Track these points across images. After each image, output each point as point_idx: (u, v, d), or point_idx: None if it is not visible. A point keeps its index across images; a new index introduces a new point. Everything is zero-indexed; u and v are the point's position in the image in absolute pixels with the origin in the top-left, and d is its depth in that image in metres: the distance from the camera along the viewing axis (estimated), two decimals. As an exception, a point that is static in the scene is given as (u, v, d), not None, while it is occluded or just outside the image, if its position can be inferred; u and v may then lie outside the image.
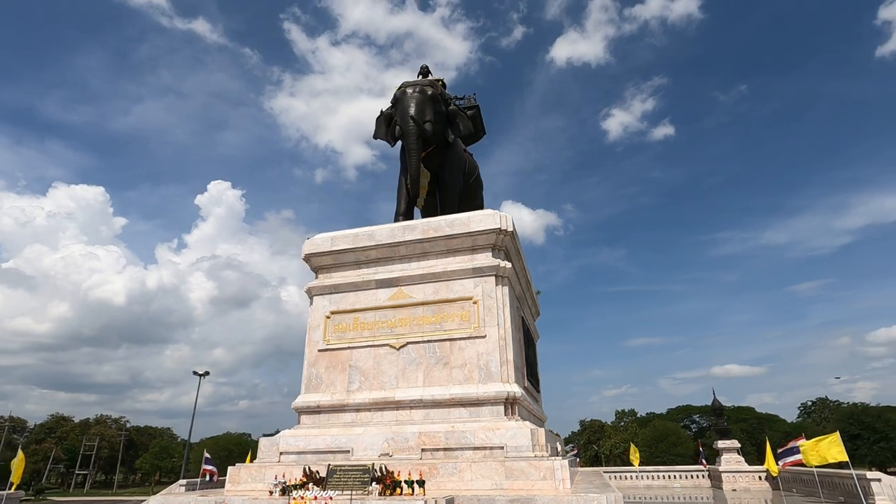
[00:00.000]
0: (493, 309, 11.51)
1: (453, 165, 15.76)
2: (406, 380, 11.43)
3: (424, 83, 15.20)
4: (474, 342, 11.33)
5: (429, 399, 11.02)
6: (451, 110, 15.61)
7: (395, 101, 15.01)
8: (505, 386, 10.80)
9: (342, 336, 12.30)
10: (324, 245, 13.13)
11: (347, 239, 13.02)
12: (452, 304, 11.79)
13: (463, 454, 9.97)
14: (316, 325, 12.60)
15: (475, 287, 11.78)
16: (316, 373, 12.12)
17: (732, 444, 23.72)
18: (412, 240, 12.51)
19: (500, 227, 12.10)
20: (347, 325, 12.36)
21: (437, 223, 12.58)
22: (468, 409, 10.81)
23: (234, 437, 76.67)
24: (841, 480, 16.49)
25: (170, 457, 71.74)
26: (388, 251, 12.72)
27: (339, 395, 11.64)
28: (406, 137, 13.97)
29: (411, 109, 14.07)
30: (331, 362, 12.13)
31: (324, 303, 12.76)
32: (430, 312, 11.87)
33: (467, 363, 11.20)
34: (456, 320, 11.64)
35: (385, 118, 15.94)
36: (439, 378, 11.23)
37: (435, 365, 11.38)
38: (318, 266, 13.29)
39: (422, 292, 12.11)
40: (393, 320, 12.06)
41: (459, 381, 11.07)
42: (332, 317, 12.56)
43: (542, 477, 9.05)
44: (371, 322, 12.20)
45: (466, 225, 12.26)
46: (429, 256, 12.53)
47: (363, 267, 12.94)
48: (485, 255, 12.17)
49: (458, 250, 12.37)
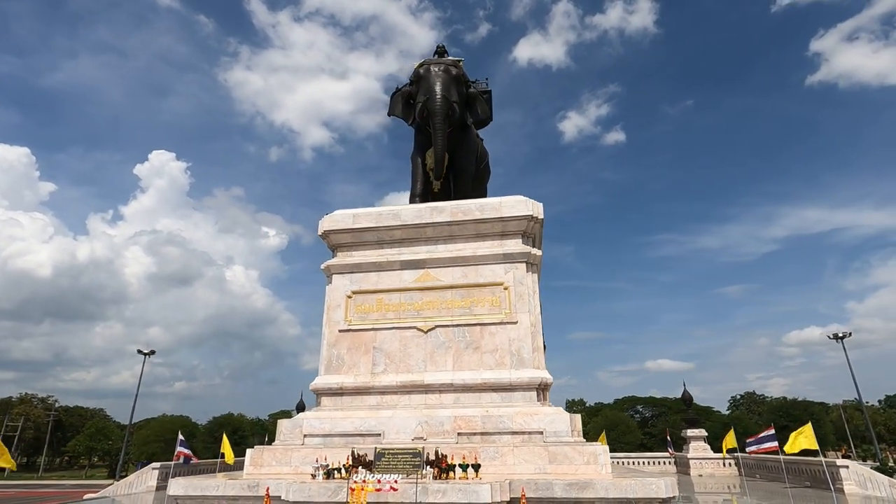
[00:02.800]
0: (524, 296, 11.50)
1: (469, 149, 15.53)
2: (434, 363, 11.24)
3: (448, 62, 14.84)
4: (505, 328, 11.29)
5: (459, 383, 10.90)
6: (472, 93, 15.35)
7: (418, 77, 14.56)
8: (538, 372, 10.85)
9: (365, 317, 11.91)
10: (345, 222, 12.62)
11: (371, 217, 12.58)
12: (482, 288, 11.68)
13: (501, 438, 9.95)
14: (336, 304, 12.13)
15: (506, 273, 11.72)
16: (337, 353, 11.69)
17: (700, 433, 25.25)
18: (440, 222, 12.25)
19: (532, 214, 12.07)
20: (370, 305, 11.99)
21: (466, 206, 12.37)
22: (500, 394, 10.79)
23: (177, 419, 73.18)
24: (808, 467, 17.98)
25: (106, 439, 67.56)
26: (413, 232, 12.40)
27: (364, 378, 11.30)
28: (433, 116, 13.61)
29: (439, 87, 13.70)
30: (353, 343, 11.74)
31: (344, 282, 12.30)
32: (459, 296, 11.71)
33: (498, 348, 11.15)
34: (486, 305, 11.54)
35: (403, 95, 15.46)
36: (469, 362, 11.13)
37: (465, 349, 11.26)
38: (337, 244, 12.77)
39: (450, 276, 11.91)
40: (420, 303, 11.81)
41: (490, 366, 11.02)
42: (354, 297, 12.13)
43: (586, 461, 9.20)
44: (396, 304, 11.89)
45: (497, 210, 12.13)
46: (456, 240, 12.33)
47: (386, 247, 12.56)
48: (514, 241, 12.11)
49: (486, 235, 12.24)
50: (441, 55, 16.47)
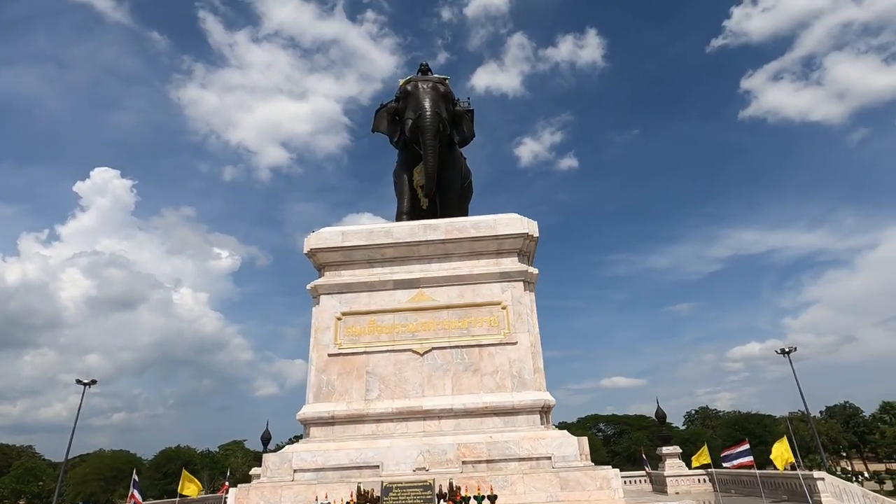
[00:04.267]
0: (522, 315, 11.24)
1: (455, 167, 15.36)
2: (433, 387, 10.73)
3: (436, 79, 14.70)
4: (505, 348, 10.95)
5: (460, 408, 10.42)
6: (458, 111, 15.26)
7: (406, 94, 14.31)
8: (540, 394, 10.54)
9: (356, 340, 11.28)
10: (333, 240, 12.03)
11: (361, 235, 12.05)
12: (480, 308, 11.34)
13: (507, 465, 9.51)
14: (325, 326, 11.44)
15: (503, 292, 11.44)
16: (327, 380, 10.96)
17: (675, 450, 25.56)
18: (434, 240, 11.88)
19: (527, 232, 11.92)
20: (362, 327, 11.38)
21: (460, 224, 12.08)
22: (502, 418, 10.38)
23: (118, 454, 67.68)
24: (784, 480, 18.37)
25: (36, 480, 61.44)
26: (406, 250, 11.96)
27: (357, 405, 10.62)
28: (424, 132, 13.34)
29: (429, 104, 13.49)
30: (344, 368, 11.06)
31: (333, 303, 11.65)
32: (457, 317, 11.31)
33: (498, 370, 10.78)
34: (484, 325, 11.19)
35: (388, 112, 15.15)
36: (469, 386, 10.68)
37: (464, 372, 10.81)
38: (325, 263, 12.13)
39: (446, 295, 11.50)
40: (415, 324, 11.31)
41: (491, 389, 10.61)
42: (344, 318, 11.49)
43: (599, 487, 8.89)
44: (390, 325, 11.34)
45: (493, 228, 11.91)
46: (451, 258, 11.97)
47: (377, 266, 12.04)
48: (511, 259, 11.89)
49: (482, 253, 11.96)
50: (425, 73, 16.34)
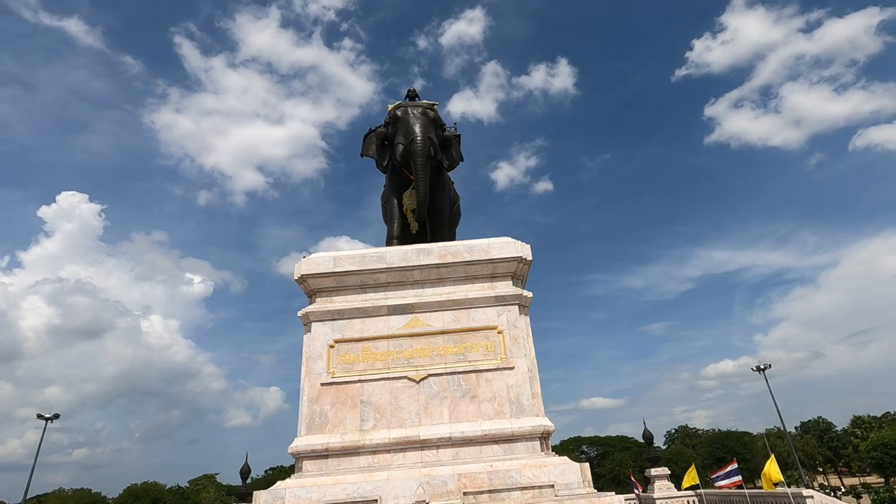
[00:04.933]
0: (519, 339, 11.16)
1: (444, 191, 15.40)
2: (430, 416, 10.48)
3: (425, 105, 14.83)
4: (502, 374, 10.82)
5: (458, 436, 10.18)
6: (446, 136, 15.37)
7: (395, 119, 14.37)
8: (540, 420, 10.40)
9: (350, 368, 10.99)
10: (325, 265, 11.81)
11: (353, 260, 11.87)
12: (476, 333, 11.22)
13: (510, 495, 9.29)
14: (317, 355, 11.13)
15: (499, 316, 11.37)
16: (320, 410, 10.60)
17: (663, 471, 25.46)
18: (428, 264, 11.78)
19: (521, 255, 11.93)
20: (356, 355, 11.11)
21: (454, 248, 12.03)
22: (502, 445, 10.18)
23: (80, 494, 63.99)
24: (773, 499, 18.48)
25: (-11, 524, 57.43)
26: (400, 275, 11.81)
27: (352, 436, 10.28)
28: (415, 157, 13.37)
29: (420, 129, 13.57)
30: (337, 398, 10.73)
31: (325, 330, 11.37)
32: (452, 342, 11.16)
33: (496, 396, 10.62)
34: (481, 350, 11.06)
35: (377, 136, 15.17)
36: (467, 413, 10.48)
37: (461, 399, 10.61)
38: (317, 289, 11.88)
39: (441, 320, 11.36)
40: (410, 350, 11.10)
41: (490, 416, 10.43)
42: (337, 346, 11.21)
43: (604, 514, 8.73)
44: (384, 352, 11.10)
45: (487, 251, 11.89)
46: (445, 282, 11.88)
47: (370, 291, 11.84)
48: (505, 283, 11.86)
49: (476, 277, 11.91)
50: (413, 98, 16.51)
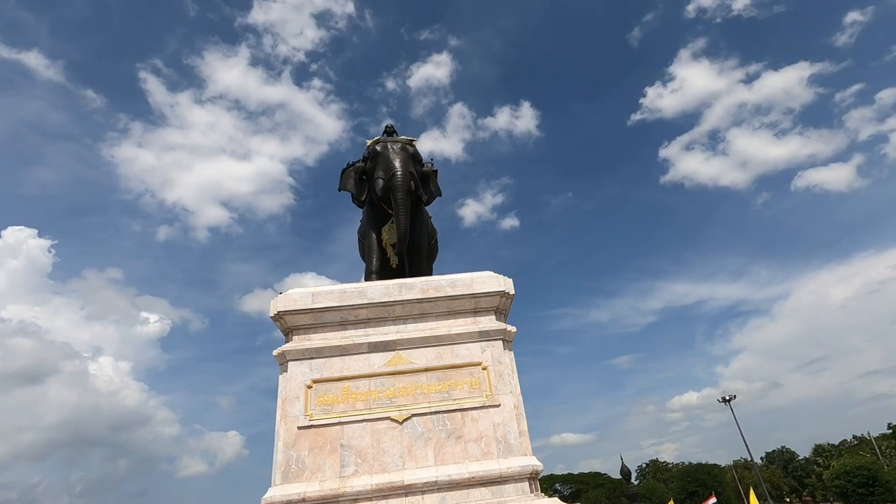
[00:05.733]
0: (504, 375, 10.95)
1: (423, 225, 15.36)
2: (414, 459, 10.01)
3: (404, 140, 14.93)
4: (488, 412, 10.52)
5: (444, 480, 9.73)
6: (424, 171, 15.45)
7: (375, 154, 14.37)
8: (528, 459, 10.09)
9: (329, 409, 10.47)
10: (303, 302, 11.39)
11: (333, 296, 11.51)
12: (460, 369, 10.94)
13: (501, 542, 8.85)
14: (294, 396, 10.56)
15: (483, 352, 11.15)
16: (297, 456, 9.98)
17: (642, 508, 25.29)
18: (410, 299, 11.54)
19: (504, 289, 11.87)
20: (335, 395, 10.61)
21: (436, 282, 11.85)
22: (490, 488, 9.78)
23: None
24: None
25: None
26: (381, 311, 11.50)
27: (331, 483, 9.67)
28: (396, 191, 13.32)
29: (400, 164, 13.59)
30: (315, 442, 10.14)
31: (302, 369, 10.85)
32: (436, 380, 10.82)
33: (483, 436, 10.28)
34: (465, 388, 10.76)
35: (356, 171, 15.09)
36: (453, 454, 10.07)
37: (447, 440, 10.21)
38: (294, 326, 11.40)
39: (423, 357, 11.05)
40: (392, 389, 10.70)
41: (477, 457, 10.05)
42: (315, 386, 10.69)
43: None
44: (365, 392, 10.65)
45: (469, 286, 11.76)
46: (427, 318, 11.63)
47: (349, 328, 11.46)
48: (488, 318, 11.71)
49: (459, 312, 11.72)
50: (391, 134, 16.62)
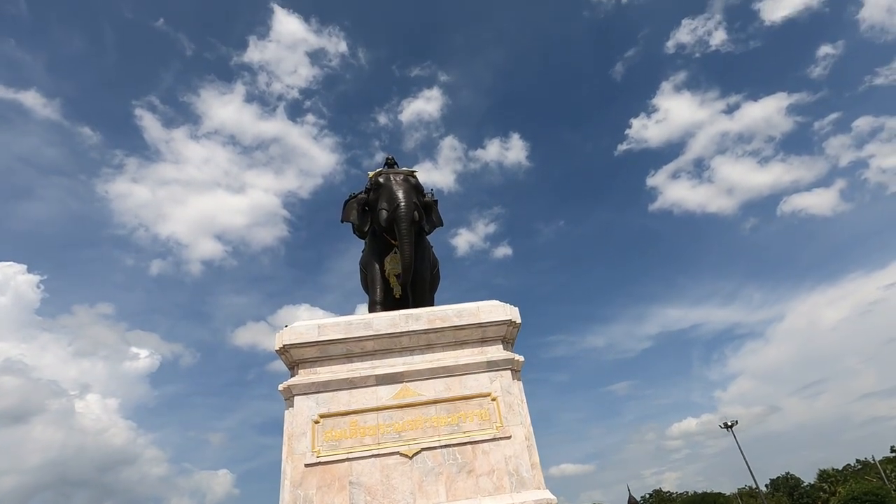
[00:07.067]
0: (513, 406, 10.80)
1: (425, 256, 15.41)
2: (425, 495, 9.75)
3: (406, 172, 15.11)
4: (499, 444, 10.33)
5: (457, 517, 9.47)
6: (427, 202, 15.59)
7: (378, 186, 14.52)
8: (541, 493, 9.85)
9: (337, 445, 10.23)
10: (309, 335, 11.28)
11: (339, 328, 11.41)
12: (469, 401, 10.79)
13: (518, 582, 8.55)
14: (300, 432, 10.33)
15: (491, 382, 11.03)
16: (304, 495, 9.69)
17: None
18: (417, 330, 11.46)
19: (511, 318, 11.83)
20: (343, 431, 10.39)
21: (443, 312, 11.81)
22: (504, 524, 9.51)
23: None
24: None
25: None
26: (388, 342, 11.40)
27: (341, 523, 9.38)
28: (400, 222, 13.42)
29: (403, 195, 13.72)
30: (323, 480, 9.87)
31: (309, 404, 10.65)
32: (445, 412, 10.66)
33: (495, 469, 10.06)
34: (475, 420, 10.59)
35: (358, 203, 15.20)
36: (465, 489, 9.83)
37: (458, 474, 9.99)
38: (299, 360, 11.25)
39: (432, 389, 10.90)
40: (401, 423, 10.50)
41: (489, 492, 9.81)
42: (322, 421, 10.48)
43: None
44: (373, 426, 10.45)
45: (476, 315, 11.73)
46: (434, 349, 11.53)
47: (356, 360, 11.32)
48: (496, 347, 11.63)
49: (466, 342, 11.64)
50: (391, 165, 16.80)
